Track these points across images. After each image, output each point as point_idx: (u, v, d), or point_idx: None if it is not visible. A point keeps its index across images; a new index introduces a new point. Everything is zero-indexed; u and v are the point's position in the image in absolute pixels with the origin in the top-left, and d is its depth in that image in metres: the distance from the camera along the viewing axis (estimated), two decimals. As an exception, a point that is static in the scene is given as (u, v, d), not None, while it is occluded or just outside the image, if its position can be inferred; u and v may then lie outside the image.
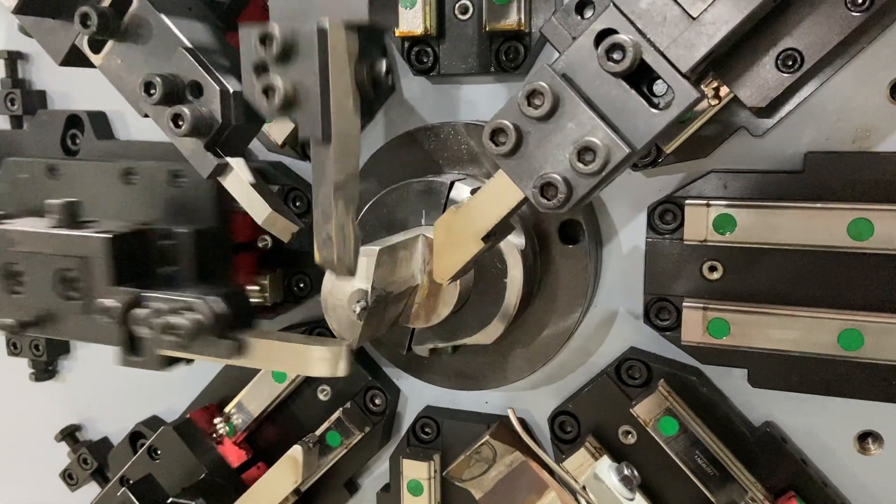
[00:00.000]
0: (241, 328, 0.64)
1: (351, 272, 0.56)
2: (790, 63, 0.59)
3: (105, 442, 1.07)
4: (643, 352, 0.78)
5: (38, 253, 0.69)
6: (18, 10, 0.61)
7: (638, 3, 0.48)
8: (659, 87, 0.51)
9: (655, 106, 0.50)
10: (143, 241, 0.70)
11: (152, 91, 0.57)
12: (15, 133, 1.00)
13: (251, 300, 0.81)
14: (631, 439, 0.78)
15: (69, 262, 0.68)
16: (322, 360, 0.59)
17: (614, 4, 0.48)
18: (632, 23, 0.48)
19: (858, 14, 0.57)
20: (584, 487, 0.61)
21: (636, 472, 0.69)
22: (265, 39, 0.51)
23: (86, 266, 0.67)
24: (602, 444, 0.78)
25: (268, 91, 0.51)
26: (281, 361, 0.61)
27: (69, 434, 1.07)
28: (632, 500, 0.66)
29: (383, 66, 0.55)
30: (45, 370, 1.07)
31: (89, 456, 1.05)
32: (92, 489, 1.06)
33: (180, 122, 0.57)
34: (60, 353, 1.07)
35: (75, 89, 1.00)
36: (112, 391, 1.06)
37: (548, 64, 0.49)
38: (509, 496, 0.60)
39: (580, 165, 0.48)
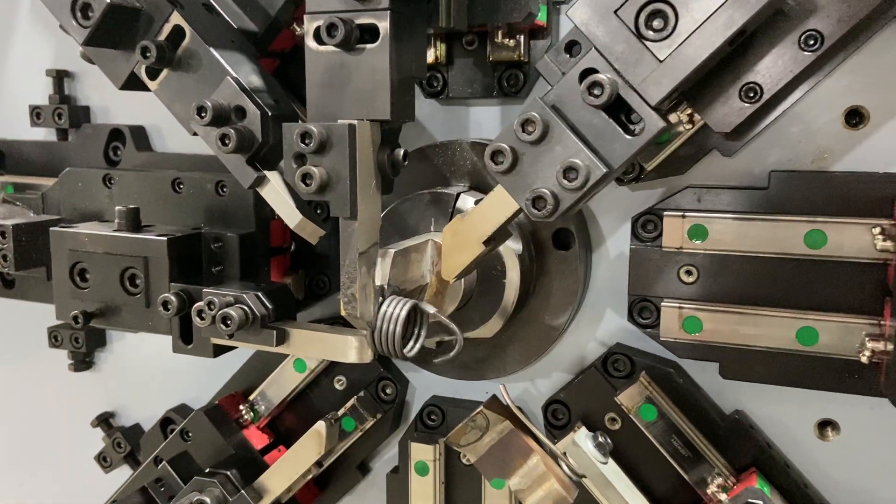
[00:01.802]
0: (284, 320, 0.74)
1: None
2: (752, 94, 0.68)
3: (137, 428, 1.16)
4: (627, 347, 0.87)
5: (103, 253, 0.79)
6: (87, 43, 0.70)
7: (615, 47, 0.57)
8: (636, 115, 0.60)
9: (631, 132, 0.59)
10: (196, 243, 0.81)
11: (203, 114, 0.66)
12: (61, 144, 1.10)
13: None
14: (616, 425, 0.86)
15: (131, 261, 0.78)
16: (354, 348, 0.68)
17: (596, 48, 0.57)
18: (610, 64, 0.57)
19: (810, 53, 0.66)
20: (564, 453, 0.70)
21: (609, 440, 0.77)
22: (305, 136, 0.61)
23: (146, 265, 0.77)
24: (591, 429, 0.87)
25: (306, 177, 0.61)
26: (318, 349, 0.70)
27: (104, 420, 1.16)
28: (605, 463, 0.75)
29: (401, 153, 0.65)
30: (82, 361, 1.16)
31: (122, 440, 1.14)
32: (124, 471, 1.15)
33: (227, 141, 0.66)
34: (97, 346, 1.16)
35: (116, 105, 1.09)
36: (144, 381, 1.15)
37: (539, 97, 0.58)
38: (500, 459, 0.68)
39: (565, 182, 0.57)
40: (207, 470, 0.83)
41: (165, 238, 0.78)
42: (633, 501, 0.74)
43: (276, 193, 0.70)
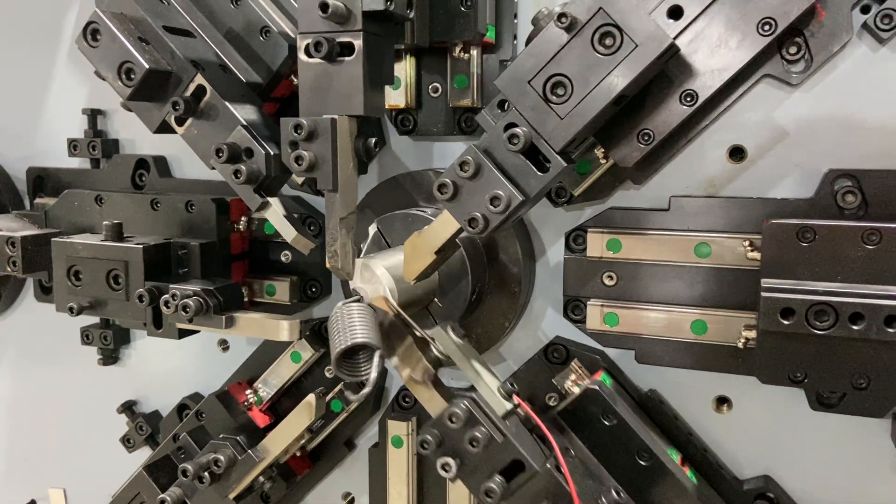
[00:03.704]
0: (233, 309, 0.94)
1: (349, 275, 0.85)
2: (646, 138, 0.87)
3: (156, 414, 1.32)
4: (564, 338, 1.04)
5: (93, 258, 0.99)
6: (129, 98, 0.89)
7: (528, 108, 0.76)
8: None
9: (544, 170, 0.79)
10: (166, 250, 1.01)
11: (220, 154, 0.86)
12: (94, 172, 1.27)
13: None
14: (554, 402, 1.05)
15: (115, 264, 0.98)
16: (286, 329, 0.88)
17: (515, 108, 0.77)
18: (525, 119, 0.77)
19: (687, 107, 0.85)
20: (431, 337, 0.86)
21: (462, 330, 0.93)
22: (297, 127, 0.79)
23: (126, 267, 0.97)
24: (535, 406, 1.06)
25: (298, 159, 0.80)
26: (259, 330, 0.90)
27: (128, 407, 1.32)
28: (462, 342, 0.88)
29: (372, 141, 0.84)
30: (110, 356, 1.32)
31: (144, 424, 1.30)
32: (145, 451, 1.30)
33: (239, 175, 0.86)
34: (122, 343, 1.32)
35: (141, 139, 1.26)
36: (162, 373, 1.31)
37: (473, 144, 0.78)
38: (385, 343, 0.83)
39: (492, 208, 0.77)
40: (221, 436, 1.02)
41: (141, 246, 0.98)
42: (483, 374, 0.85)
43: (276, 215, 0.89)
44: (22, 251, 1.11)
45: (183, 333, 1.00)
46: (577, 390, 0.96)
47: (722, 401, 1.00)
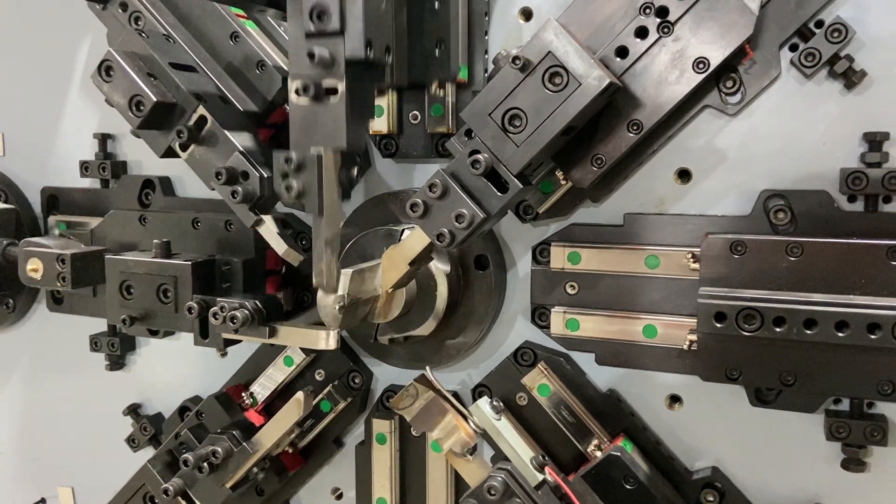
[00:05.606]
0: (274, 320, 1.03)
1: (334, 291, 0.95)
2: (598, 162, 0.97)
3: (159, 416, 1.40)
4: (532, 342, 1.14)
5: (144, 273, 1.09)
6: (139, 128, 1.00)
7: (489, 137, 0.87)
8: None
9: (504, 191, 0.89)
10: (211, 266, 1.10)
11: (220, 177, 0.96)
12: (104, 191, 1.36)
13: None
14: (524, 401, 1.13)
15: (164, 279, 1.07)
16: (324, 339, 0.98)
17: (478, 137, 0.88)
18: (486, 147, 0.88)
19: (633, 135, 0.96)
20: (469, 412, 0.98)
21: (501, 403, 1.06)
22: (287, 160, 0.90)
23: (175, 282, 1.07)
24: (505, 405, 1.16)
25: (288, 189, 0.90)
26: (299, 340, 0.99)
27: (133, 410, 1.39)
28: (499, 419, 1.03)
29: (354, 171, 0.94)
30: (116, 362, 1.40)
31: (148, 425, 1.38)
32: (149, 451, 1.37)
33: (235, 195, 0.96)
34: (128, 350, 1.40)
35: (147, 161, 1.36)
36: (165, 378, 1.38)
37: (441, 168, 0.89)
38: (426, 418, 0.95)
39: (457, 224, 0.87)
40: (219, 430, 1.12)
41: (190, 263, 1.08)
42: (517, 448, 1.01)
43: (269, 231, 1.00)
44: (71, 267, 1.19)
45: (227, 343, 1.09)
46: (599, 455, 1.04)
47: (674, 399, 1.10)
